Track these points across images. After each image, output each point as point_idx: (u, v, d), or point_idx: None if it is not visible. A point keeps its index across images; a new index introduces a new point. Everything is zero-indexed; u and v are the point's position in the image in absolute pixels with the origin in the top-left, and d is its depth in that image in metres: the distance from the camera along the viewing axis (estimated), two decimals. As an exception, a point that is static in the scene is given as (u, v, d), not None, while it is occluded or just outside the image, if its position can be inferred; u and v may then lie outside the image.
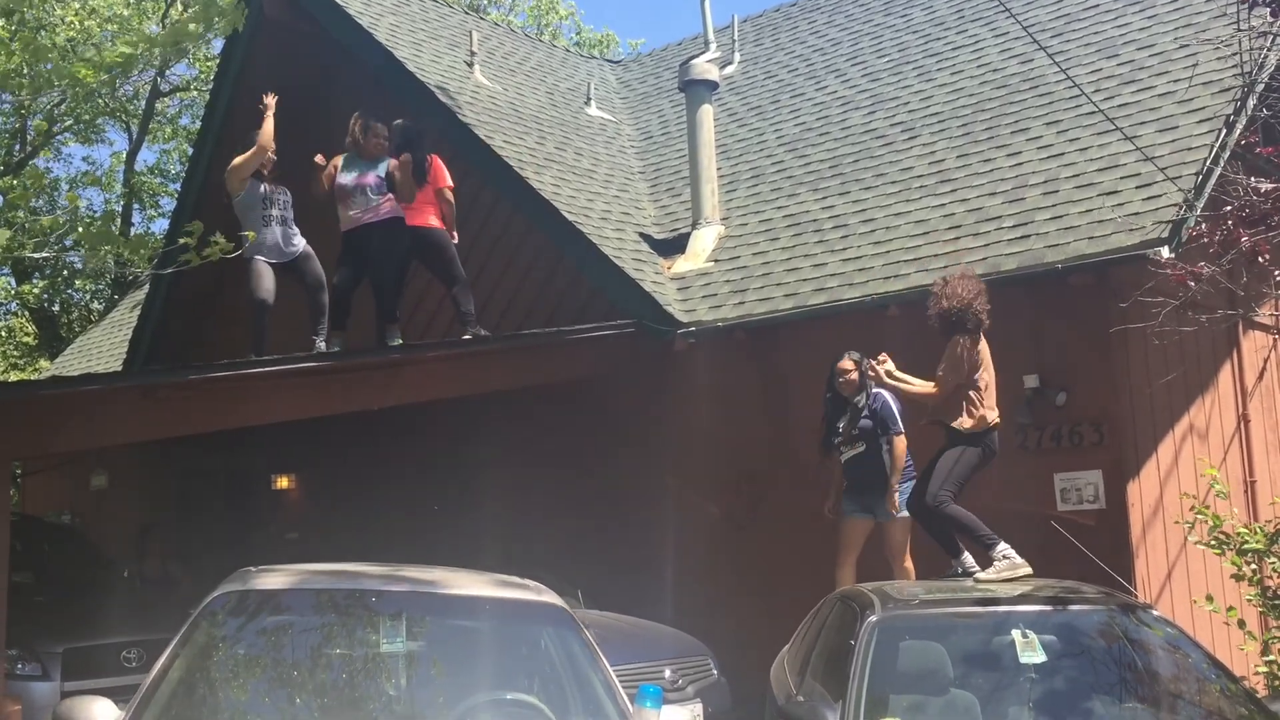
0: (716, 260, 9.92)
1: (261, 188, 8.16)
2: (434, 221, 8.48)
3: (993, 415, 6.44)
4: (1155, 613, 5.48)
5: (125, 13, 17.52)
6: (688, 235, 10.32)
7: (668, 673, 6.99)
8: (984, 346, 6.53)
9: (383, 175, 8.36)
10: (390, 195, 8.36)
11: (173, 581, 11.58)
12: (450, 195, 8.56)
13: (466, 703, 3.91)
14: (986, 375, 6.48)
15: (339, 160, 8.46)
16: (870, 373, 6.95)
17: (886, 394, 7.12)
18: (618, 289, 9.48)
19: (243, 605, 4.21)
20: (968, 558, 6.53)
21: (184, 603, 4.64)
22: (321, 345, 8.12)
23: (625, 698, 4.00)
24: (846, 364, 7.27)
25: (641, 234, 10.51)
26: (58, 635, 7.95)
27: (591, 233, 9.74)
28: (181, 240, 7.01)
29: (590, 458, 9.83)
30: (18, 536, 8.33)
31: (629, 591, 8.70)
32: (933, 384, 6.49)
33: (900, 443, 7.08)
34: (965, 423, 6.38)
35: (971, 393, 6.41)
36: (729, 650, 7.81)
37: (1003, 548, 6.24)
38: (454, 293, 8.62)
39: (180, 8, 20.16)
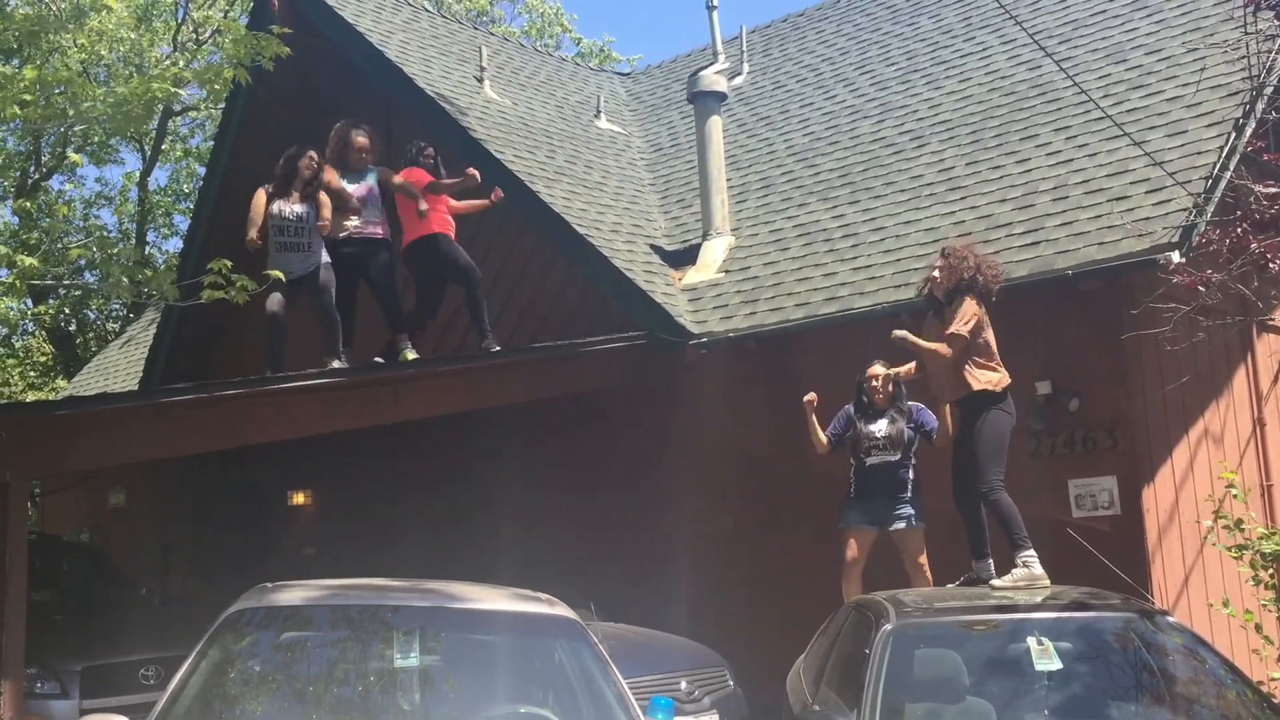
0: (727, 271, 9.94)
1: (274, 209, 8.17)
2: (436, 228, 8.54)
3: (1005, 374, 6.55)
4: (1171, 619, 5.46)
5: (133, 35, 17.63)
6: (698, 246, 10.34)
7: (683, 684, 6.98)
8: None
9: (374, 186, 8.42)
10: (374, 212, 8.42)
11: (193, 598, 11.63)
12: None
13: (480, 717, 3.92)
14: (990, 336, 6.57)
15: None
16: (898, 375, 7.03)
17: (923, 405, 7.17)
18: (629, 301, 9.50)
19: (258, 621, 4.24)
20: (989, 565, 6.52)
21: (201, 620, 4.68)
22: (336, 365, 8.13)
23: (639, 710, 4.01)
24: (878, 369, 7.20)
25: (652, 246, 10.53)
26: (76, 653, 7.98)
27: (602, 245, 9.77)
28: (207, 281, 7.10)
29: (603, 469, 9.85)
30: (36, 555, 8.39)
31: (643, 603, 8.71)
32: (943, 344, 6.50)
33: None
34: (992, 379, 6.45)
35: (981, 354, 6.49)
36: (745, 660, 7.80)
37: (1029, 554, 6.24)
38: (473, 295, 8.67)
39: (190, 27, 20.29)
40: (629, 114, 14.65)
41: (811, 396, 7.23)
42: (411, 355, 8.52)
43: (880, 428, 7.09)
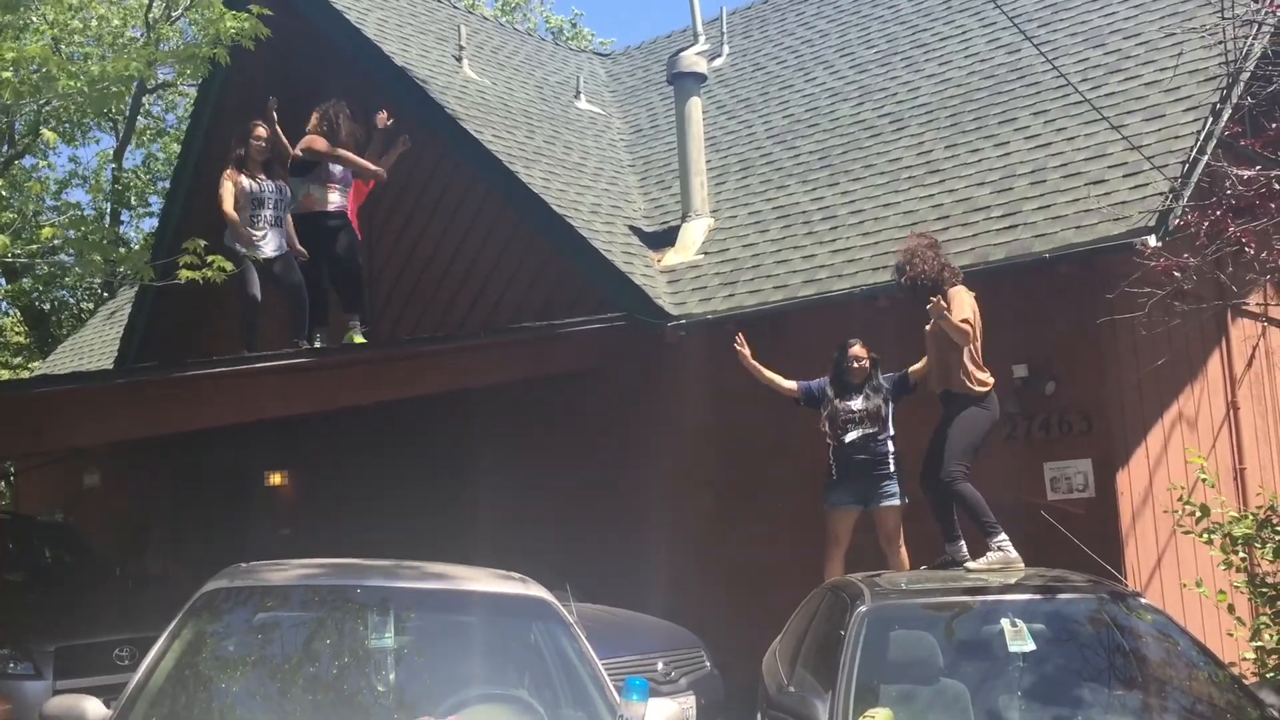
0: (706, 253, 9.92)
1: (247, 184, 8.12)
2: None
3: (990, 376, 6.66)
4: (1144, 600, 5.50)
5: (103, 10, 17.41)
6: (677, 228, 10.32)
7: (660, 665, 7.01)
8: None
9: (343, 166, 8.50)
10: (347, 190, 8.50)
11: (169, 579, 11.57)
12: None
13: (455, 697, 3.92)
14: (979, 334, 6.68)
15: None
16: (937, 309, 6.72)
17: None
18: (608, 282, 9.48)
19: (230, 601, 4.22)
20: (962, 547, 6.57)
21: (176, 600, 4.67)
22: (304, 345, 8.11)
23: (614, 691, 4.01)
24: (860, 351, 7.21)
25: (631, 227, 10.51)
26: (50, 634, 7.92)
27: (581, 226, 9.74)
28: (182, 261, 7.05)
29: (581, 451, 9.83)
30: (10, 535, 8.35)
31: (621, 584, 8.71)
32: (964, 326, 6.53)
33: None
34: (985, 383, 6.58)
35: (975, 352, 6.59)
36: (722, 642, 7.83)
37: (1001, 539, 6.31)
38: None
39: (162, 3, 20.05)
40: (609, 95, 14.59)
41: (740, 343, 7.27)
42: (360, 339, 8.52)
43: (857, 403, 7.11)
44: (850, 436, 7.08)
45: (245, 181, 8.08)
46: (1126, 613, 5.21)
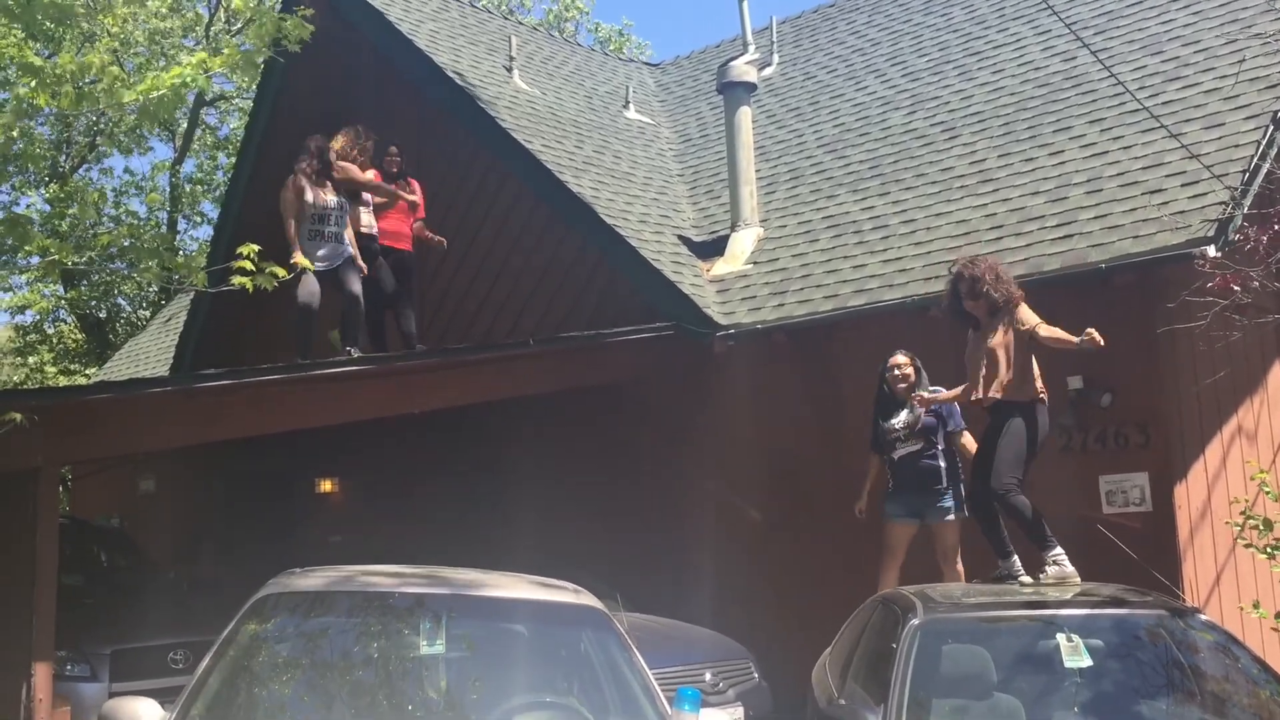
0: (755, 262, 9.89)
1: (312, 197, 8.24)
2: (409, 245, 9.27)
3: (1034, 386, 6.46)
4: (1203, 617, 5.40)
5: (165, 25, 17.69)
6: (726, 237, 10.30)
7: (708, 675, 6.97)
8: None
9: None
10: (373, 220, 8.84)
11: (222, 584, 11.71)
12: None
13: (506, 705, 3.92)
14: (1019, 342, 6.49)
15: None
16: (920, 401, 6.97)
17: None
18: (656, 291, 9.48)
19: (284, 607, 4.25)
20: (1015, 562, 6.47)
21: (229, 604, 4.71)
22: (355, 353, 8.21)
23: (664, 701, 4.00)
24: (900, 359, 7.19)
25: (680, 236, 10.50)
26: (106, 637, 8.03)
27: (630, 235, 9.75)
28: (237, 266, 7.13)
29: (630, 460, 9.83)
30: (67, 539, 8.43)
31: (669, 594, 8.69)
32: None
33: (969, 438, 7.06)
34: (1007, 392, 6.38)
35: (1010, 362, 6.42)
36: (770, 653, 7.78)
37: (1057, 553, 6.19)
38: (404, 311, 9.17)
39: (223, 16, 20.37)
40: (657, 104, 14.61)
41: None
42: None
43: (900, 419, 7.10)
44: (898, 454, 7.12)
45: (310, 195, 8.22)
46: (1185, 630, 5.12)
